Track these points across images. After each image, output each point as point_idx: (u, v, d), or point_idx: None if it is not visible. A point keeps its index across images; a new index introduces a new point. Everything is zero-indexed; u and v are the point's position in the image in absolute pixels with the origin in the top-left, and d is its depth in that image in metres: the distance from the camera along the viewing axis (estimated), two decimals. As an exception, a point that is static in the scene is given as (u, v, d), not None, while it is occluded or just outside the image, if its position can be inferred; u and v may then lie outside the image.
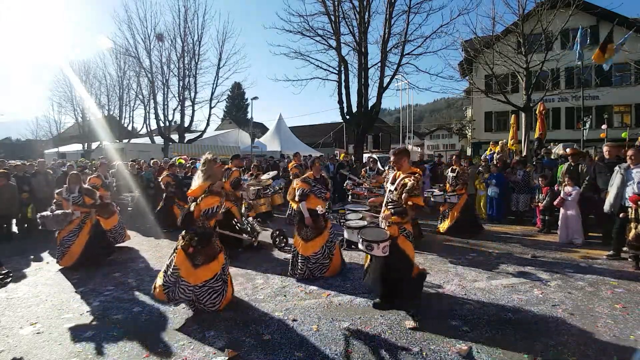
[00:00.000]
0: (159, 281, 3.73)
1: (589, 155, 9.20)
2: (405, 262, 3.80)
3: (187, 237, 3.78)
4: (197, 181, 3.88)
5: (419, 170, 3.93)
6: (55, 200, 5.61)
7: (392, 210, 3.81)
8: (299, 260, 4.87)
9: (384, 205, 4.05)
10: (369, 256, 4.01)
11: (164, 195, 8.28)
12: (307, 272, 4.81)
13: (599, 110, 22.23)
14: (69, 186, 5.65)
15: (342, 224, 4.42)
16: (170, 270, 3.70)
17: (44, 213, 5.36)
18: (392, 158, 4.08)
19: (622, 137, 14.57)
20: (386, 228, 3.88)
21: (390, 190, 3.97)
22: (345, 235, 4.10)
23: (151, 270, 5.38)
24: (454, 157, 8.35)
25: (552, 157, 10.43)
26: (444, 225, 7.46)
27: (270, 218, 8.74)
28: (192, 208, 3.77)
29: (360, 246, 3.75)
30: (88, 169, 10.85)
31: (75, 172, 6.10)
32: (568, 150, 8.35)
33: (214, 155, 4.18)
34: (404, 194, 3.73)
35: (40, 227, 5.42)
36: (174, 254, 3.78)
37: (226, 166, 6.35)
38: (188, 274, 3.69)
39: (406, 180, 3.76)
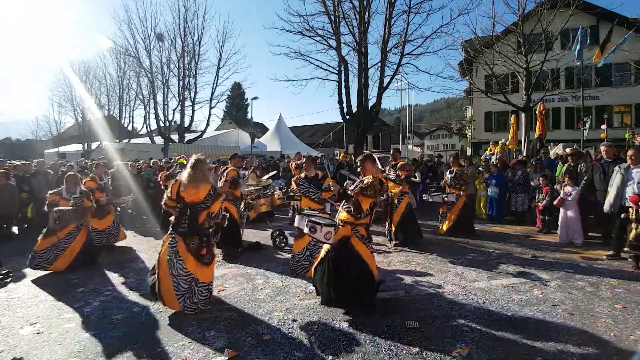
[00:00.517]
0: (170, 293, 3.63)
1: (590, 155, 9.21)
2: (360, 263, 3.76)
3: (195, 240, 3.73)
4: (192, 183, 3.73)
5: (381, 176, 4.00)
6: (49, 201, 5.45)
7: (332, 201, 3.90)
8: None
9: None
10: (319, 255, 4.03)
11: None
12: (293, 267, 5.03)
13: (599, 110, 22.23)
14: (67, 187, 5.59)
15: (294, 210, 4.42)
16: (182, 278, 3.66)
17: (62, 207, 5.30)
18: (358, 164, 4.20)
19: (624, 137, 14.56)
20: (339, 226, 3.85)
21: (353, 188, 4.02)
22: (295, 222, 4.11)
23: (151, 270, 5.39)
24: (451, 158, 8.35)
25: (551, 157, 10.43)
26: (443, 227, 7.45)
27: (270, 217, 8.74)
28: (200, 213, 3.75)
29: (305, 230, 3.76)
30: (88, 169, 10.83)
31: (73, 173, 6.04)
32: (568, 150, 8.35)
33: (206, 155, 4.18)
34: (356, 188, 3.78)
35: (57, 222, 5.23)
36: (180, 261, 3.68)
37: (225, 166, 6.34)
38: (202, 274, 3.77)
39: (365, 179, 3.82)
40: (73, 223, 5.40)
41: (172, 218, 3.87)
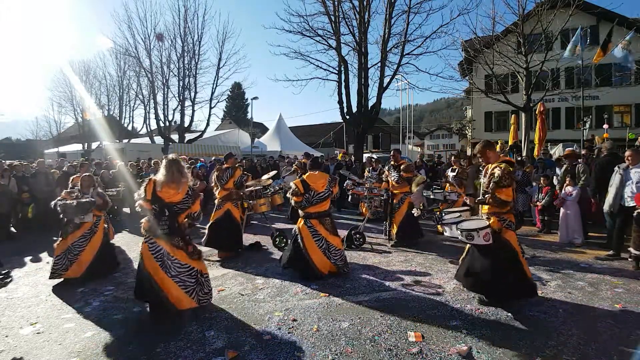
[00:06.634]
0: (178, 293, 3.55)
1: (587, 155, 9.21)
2: (511, 253, 3.74)
3: (181, 240, 3.69)
4: (170, 183, 3.61)
5: (509, 159, 3.98)
6: (59, 199, 5.01)
7: (475, 200, 3.92)
8: None
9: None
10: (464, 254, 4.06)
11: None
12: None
13: (599, 110, 22.23)
14: (82, 188, 5.22)
15: (438, 222, 4.33)
16: (186, 274, 3.63)
17: (67, 201, 4.89)
18: (477, 152, 4.10)
19: (629, 137, 14.54)
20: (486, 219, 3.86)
21: (483, 184, 3.97)
22: (446, 233, 4.12)
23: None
24: (452, 157, 8.39)
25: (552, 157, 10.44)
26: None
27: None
28: (179, 214, 3.68)
29: (460, 238, 3.74)
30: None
31: (88, 174, 5.66)
32: (565, 151, 8.39)
33: (178, 154, 4.08)
34: (491, 184, 3.73)
35: (61, 216, 4.88)
36: (175, 261, 3.61)
37: (225, 165, 6.31)
38: (200, 266, 3.78)
39: (495, 170, 3.75)
40: (79, 216, 4.92)
41: (143, 221, 3.70)
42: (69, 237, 4.92)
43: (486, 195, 3.82)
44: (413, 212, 5.32)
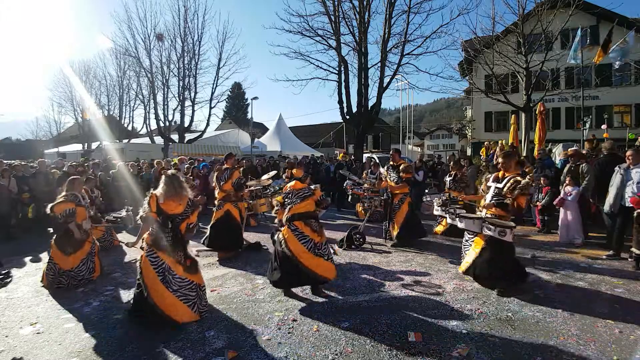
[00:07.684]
0: (180, 307, 3.54)
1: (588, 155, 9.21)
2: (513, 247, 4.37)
3: (182, 252, 3.73)
4: (172, 197, 3.68)
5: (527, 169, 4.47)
6: (69, 210, 4.76)
7: (495, 203, 4.28)
8: None
9: (487, 200, 4.46)
10: (474, 252, 4.39)
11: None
12: None
13: (599, 110, 22.20)
14: (78, 193, 5.07)
15: (455, 217, 4.60)
16: (187, 287, 3.65)
17: (122, 214, 5.24)
18: (500, 160, 4.52)
19: (630, 137, 14.50)
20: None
21: (496, 188, 4.35)
22: (462, 225, 4.47)
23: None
24: (451, 163, 8.35)
25: (551, 157, 10.43)
26: (439, 228, 7.41)
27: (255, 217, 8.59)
28: (180, 225, 3.76)
29: (491, 233, 4.12)
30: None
31: (75, 177, 5.43)
32: (569, 151, 8.37)
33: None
34: (516, 190, 4.07)
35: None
36: (176, 276, 3.62)
37: (224, 166, 6.31)
38: (198, 279, 3.80)
39: (519, 178, 4.15)
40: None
41: (145, 236, 3.72)
42: (86, 243, 4.97)
43: (506, 200, 4.20)
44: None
